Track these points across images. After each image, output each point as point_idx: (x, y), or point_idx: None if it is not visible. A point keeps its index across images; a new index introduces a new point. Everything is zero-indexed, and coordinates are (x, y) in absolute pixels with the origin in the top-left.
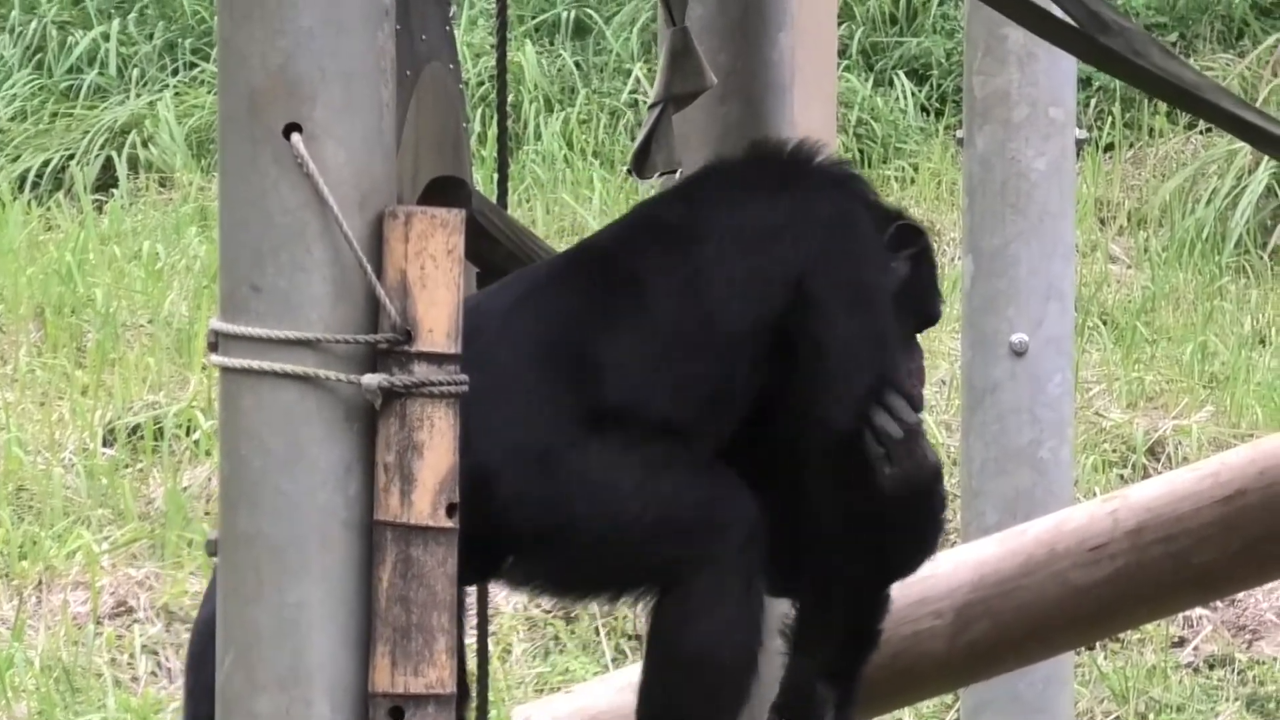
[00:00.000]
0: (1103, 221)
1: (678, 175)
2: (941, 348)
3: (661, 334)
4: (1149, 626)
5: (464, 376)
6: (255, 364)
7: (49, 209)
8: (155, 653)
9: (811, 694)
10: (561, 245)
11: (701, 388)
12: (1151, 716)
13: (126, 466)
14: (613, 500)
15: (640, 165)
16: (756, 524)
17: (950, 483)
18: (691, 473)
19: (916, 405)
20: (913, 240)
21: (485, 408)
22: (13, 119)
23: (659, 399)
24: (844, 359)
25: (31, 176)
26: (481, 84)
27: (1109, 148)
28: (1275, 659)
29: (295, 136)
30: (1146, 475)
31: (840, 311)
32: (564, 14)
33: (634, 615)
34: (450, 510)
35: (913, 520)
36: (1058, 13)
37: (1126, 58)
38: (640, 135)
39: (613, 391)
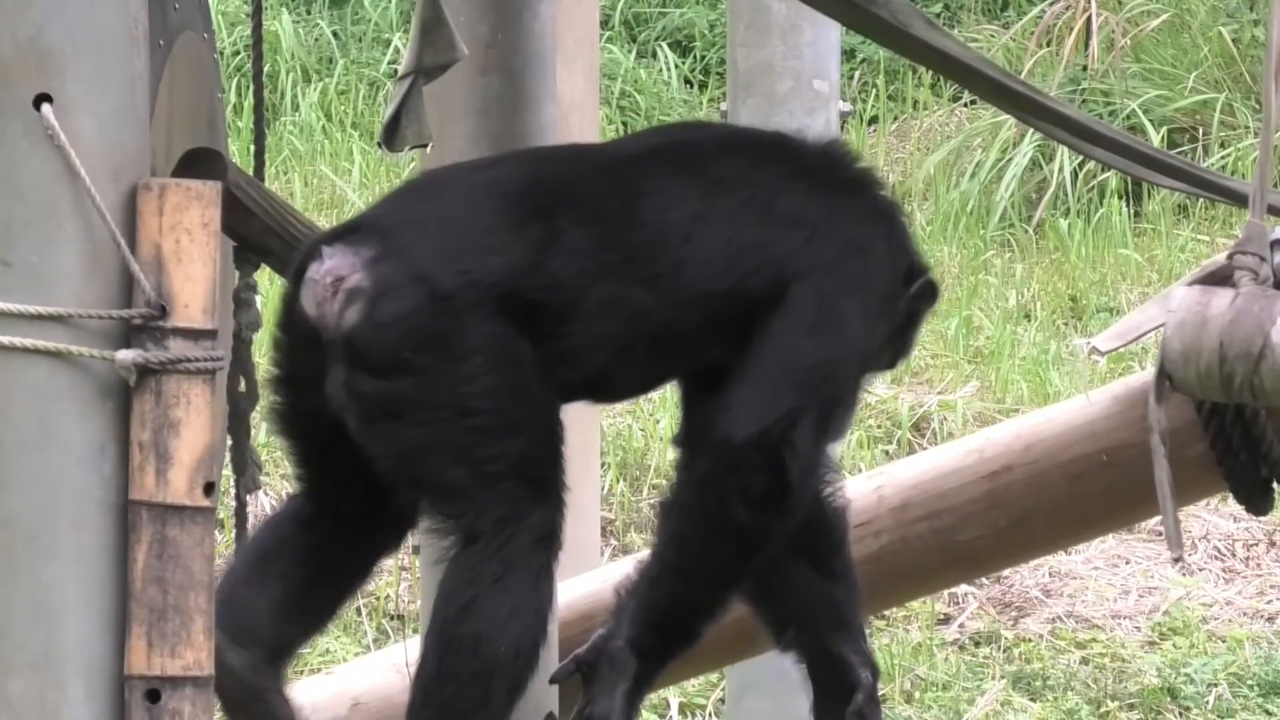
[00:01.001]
0: None
1: (429, 149)
2: None
3: (630, 248)
4: (914, 603)
5: (221, 353)
6: (4, 340)
7: None
8: None
9: (615, 661)
10: (321, 219)
11: (637, 321)
12: (917, 694)
13: None
14: (464, 388)
15: (390, 138)
16: (554, 529)
17: None
18: (543, 435)
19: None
20: (927, 300)
21: (422, 228)
22: None
23: (590, 306)
24: (781, 369)
25: None
26: (237, 54)
27: (874, 121)
28: (1041, 636)
29: (46, 108)
30: (911, 451)
31: (807, 325)
32: None
33: (395, 596)
34: (208, 489)
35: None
36: None
37: (892, 26)
38: (389, 108)
39: (556, 264)
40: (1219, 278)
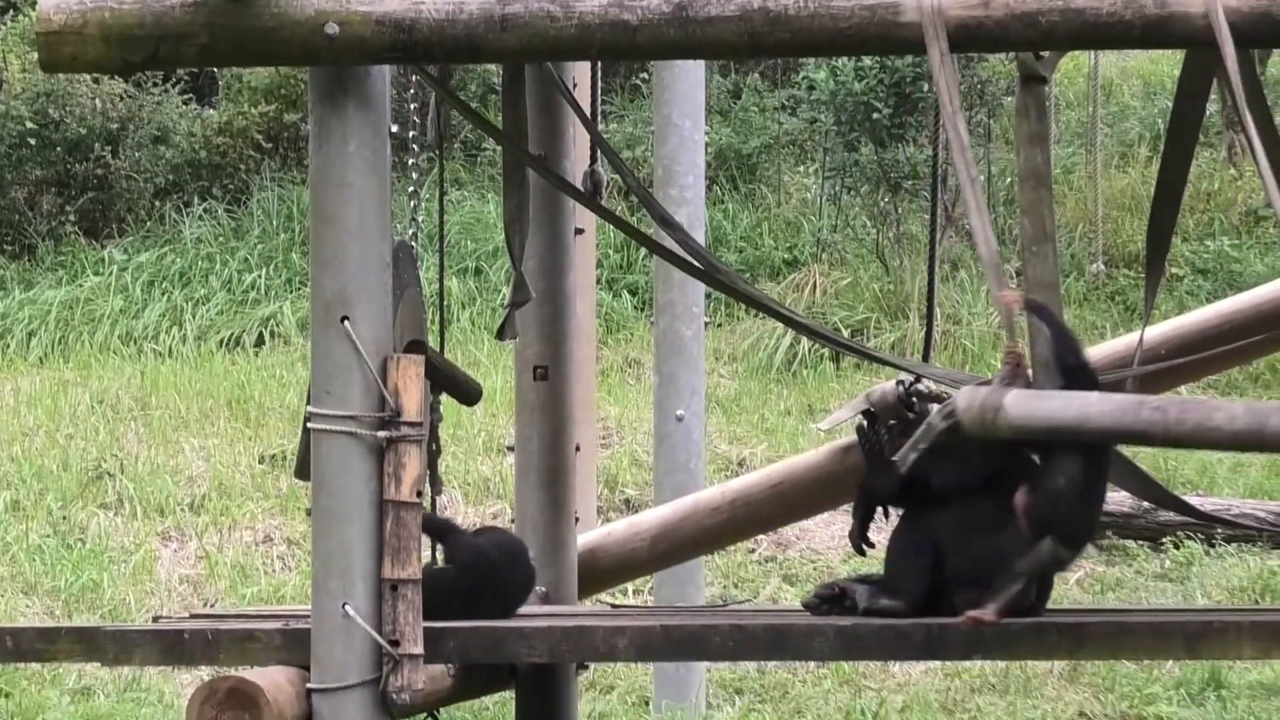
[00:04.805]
0: None
1: (518, 340)
2: None
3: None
4: None
5: (425, 432)
6: (331, 426)
7: None
8: None
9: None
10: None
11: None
12: None
13: None
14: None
15: (502, 333)
16: None
17: None
18: None
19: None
20: None
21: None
22: None
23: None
24: None
25: None
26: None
27: None
28: None
29: (346, 323)
30: None
31: None
32: None
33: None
34: (418, 494)
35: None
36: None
37: (730, 285)
38: (500, 320)
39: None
40: (980, 382)
